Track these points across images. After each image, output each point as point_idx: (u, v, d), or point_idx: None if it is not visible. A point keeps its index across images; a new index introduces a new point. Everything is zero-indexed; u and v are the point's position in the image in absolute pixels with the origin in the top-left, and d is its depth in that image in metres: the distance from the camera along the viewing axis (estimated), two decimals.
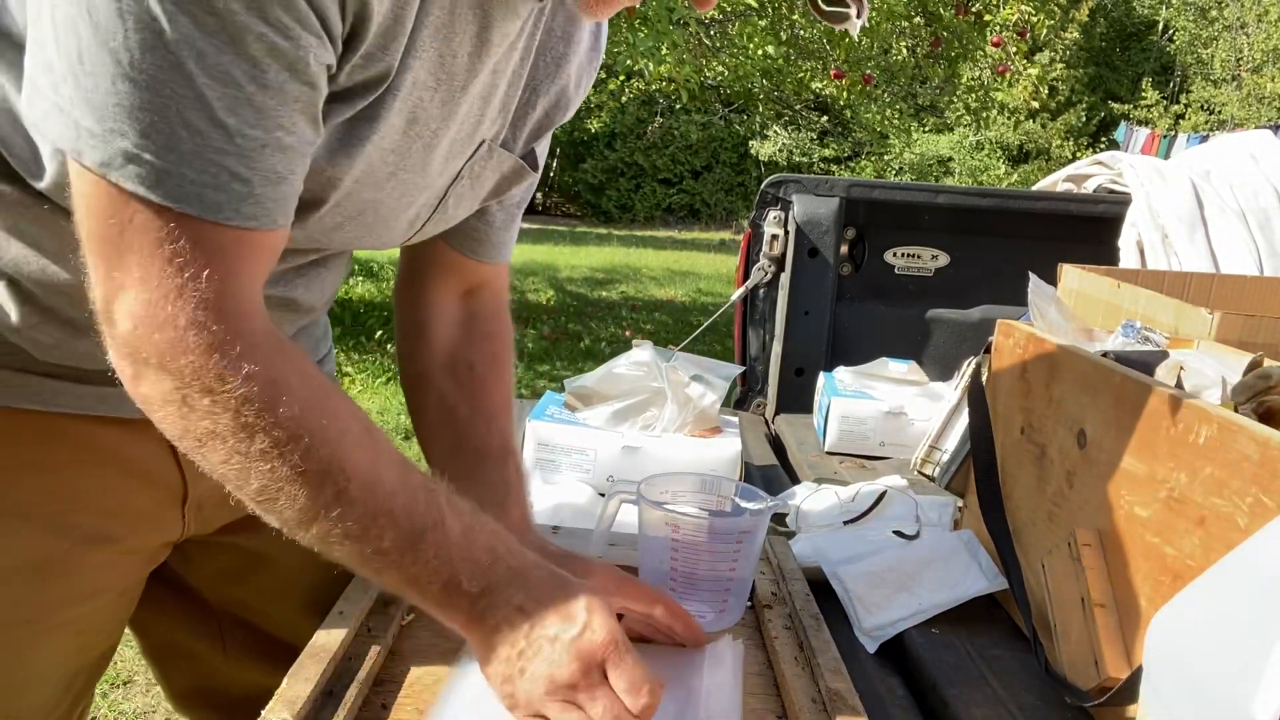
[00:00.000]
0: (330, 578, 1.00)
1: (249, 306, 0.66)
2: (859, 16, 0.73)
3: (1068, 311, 1.36)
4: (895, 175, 16.65)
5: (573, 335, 6.69)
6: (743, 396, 2.51)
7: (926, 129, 17.35)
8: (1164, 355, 1.10)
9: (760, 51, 5.98)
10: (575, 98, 0.95)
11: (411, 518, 0.72)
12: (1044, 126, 17.37)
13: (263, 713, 0.73)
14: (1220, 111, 16.31)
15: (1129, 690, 0.87)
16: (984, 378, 1.36)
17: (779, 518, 1.46)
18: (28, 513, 0.83)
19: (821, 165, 16.46)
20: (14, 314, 0.77)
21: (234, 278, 0.64)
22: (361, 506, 0.69)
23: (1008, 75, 6.57)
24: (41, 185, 0.72)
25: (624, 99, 7.16)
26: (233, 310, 0.64)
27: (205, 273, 0.62)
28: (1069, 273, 1.61)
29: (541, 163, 0.99)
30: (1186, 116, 16.99)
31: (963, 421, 1.58)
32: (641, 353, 1.74)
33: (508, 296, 1.11)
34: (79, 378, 0.82)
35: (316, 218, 0.79)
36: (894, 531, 1.34)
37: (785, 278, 2.35)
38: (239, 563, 1.05)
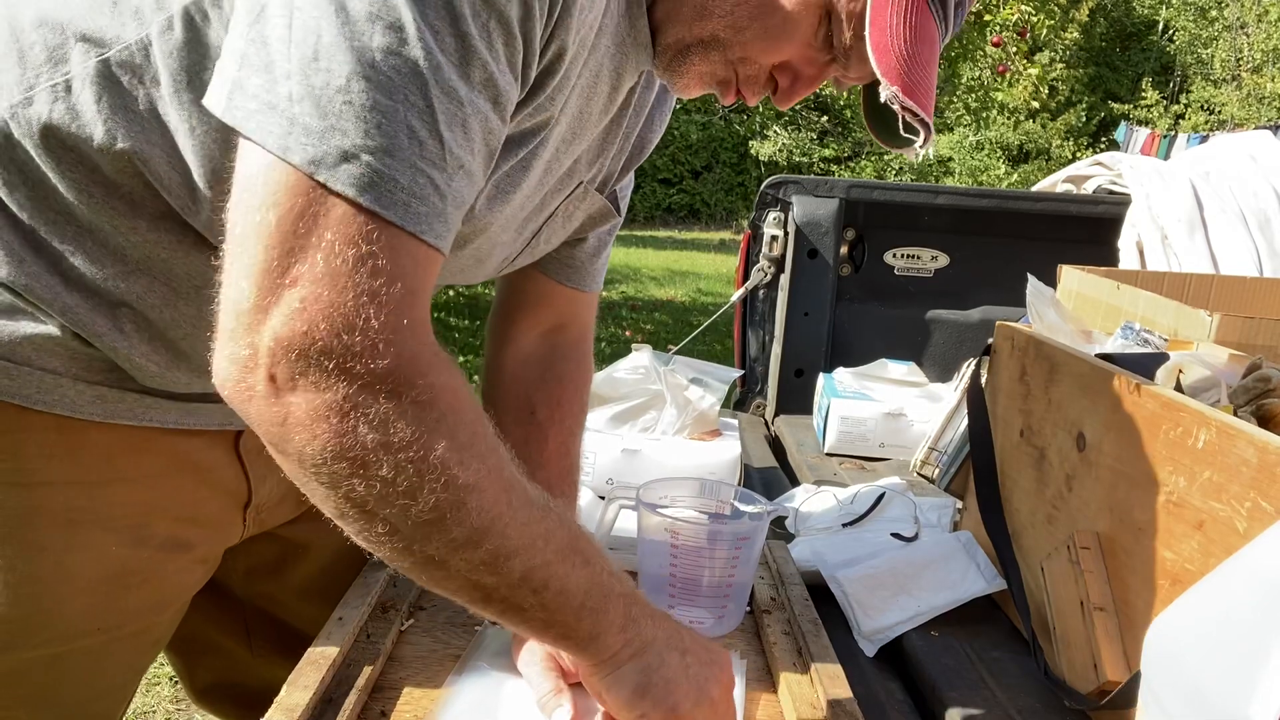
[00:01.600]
0: (357, 573, 1.00)
1: (428, 321, 0.64)
2: (924, 145, 0.74)
3: (1066, 313, 1.36)
4: (895, 175, 16.64)
5: None
6: (742, 397, 2.51)
7: None
8: (1163, 357, 1.09)
9: None
10: (652, 140, 0.98)
11: (565, 525, 0.70)
12: (1044, 126, 17.36)
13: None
14: (1220, 111, 16.30)
15: (1128, 694, 0.86)
16: (983, 379, 1.36)
17: (778, 521, 1.46)
18: (113, 524, 0.84)
19: (821, 165, 16.44)
20: (128, 341, 0.78)
21: (420, 293, 0.62)
22: (529, 512, 0.67)
23: (1008, 75, 6.57)
24: (199, 221, 0.73)
25: None
26: (419, 320, 0.62)
27: (399, 283, 0.60)
28: (1068, 274, 1.61)
29: (624, 204, 1.02)
30: (1186, 116, 16.99)
31: (962, 423, 1.58)
32: (640, 356, 1.74)
33: (593, 336, 1.10)
34: (171, 395, 0.84)
35: (456, 257, 0.80)
36: (892, 534, 1.34)
37: (785, 279, 2.35)
38: (273, 554, 1.06)
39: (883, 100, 0.71)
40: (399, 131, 0.59)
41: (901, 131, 0.73)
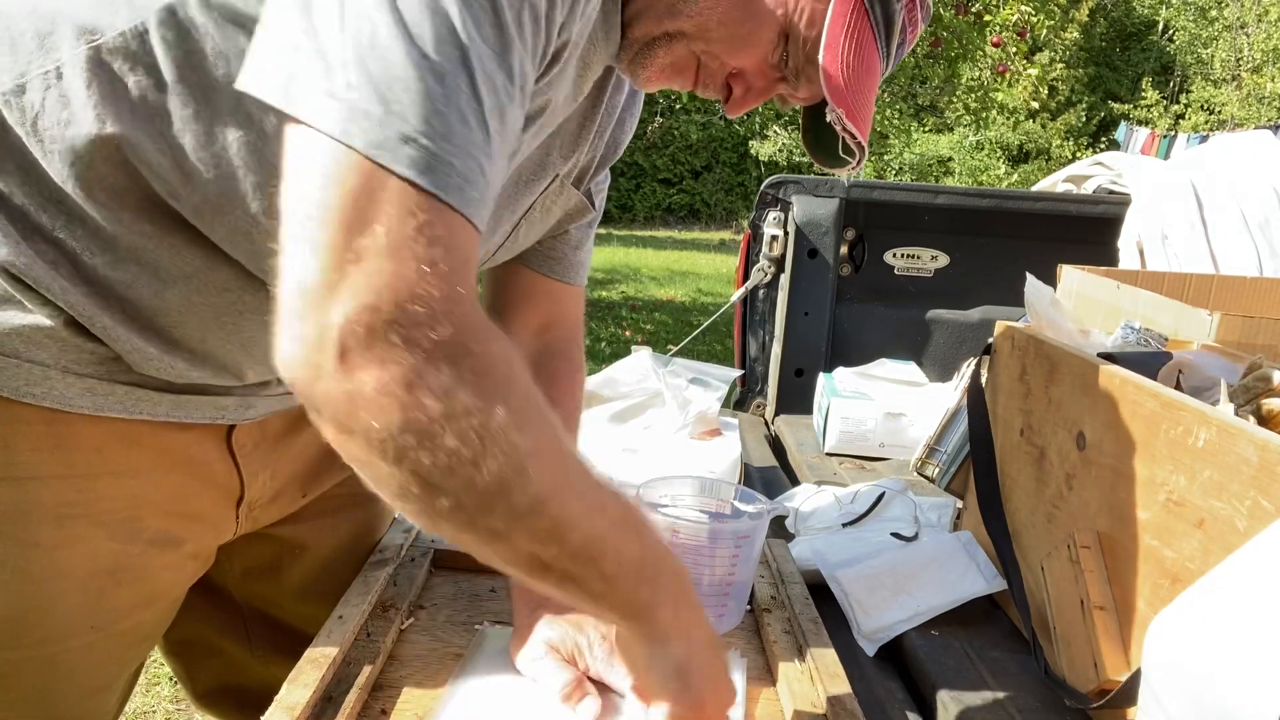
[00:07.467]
0: (355, 570, 1.00)
1: (477, 295, 0.64)
2: (856, 166, 0.82)
3: (1066, 312, 1.36)
4: (895, 175, 16.63)
5: None
6: (742, 397, 2.51)
7: (926, 129, 17.34)
8: (1164, 357, 1.09)
9: None
10: (624, 140, 1.01)
11: (617, 496, 0.70)
12: (1044, 126, 17.36)
13: (261, 719, 0.73)
14: (1220, 111, 16.31)
15: (1128, 693, 0.86)
16: (983, 379, 1.36)
17: (778, 520, 1.46)
18: (103, 519, 0.84)
19: None
20: (120, 328, 0.78)
21: (471, 267, 0.63)
22: (586, 481, 0.67)
23: (1008, 75, 6.58)
24: (185, 207, 0.74)
25: None
26: (473, 290, 0.63)
27: (454, 255, 0.60)
28: (1069, 273, 1.61)
29: (600, 201, 1.04)
30: (1186, 116, 17.00)
31: (962, 423, 1.58)
32: (640, 357, 1.74)
33: (583, 333, 1.12)
34: (160, 387, 0.83)
35: None
36: (892, 533, 1.34)
37: (785, 279, 2.35)
38: (269, 555, 1.06)
39: (828, 120, 0.78)
40: (452, 118, 0.60)
41: (840, 153, 0.81)
